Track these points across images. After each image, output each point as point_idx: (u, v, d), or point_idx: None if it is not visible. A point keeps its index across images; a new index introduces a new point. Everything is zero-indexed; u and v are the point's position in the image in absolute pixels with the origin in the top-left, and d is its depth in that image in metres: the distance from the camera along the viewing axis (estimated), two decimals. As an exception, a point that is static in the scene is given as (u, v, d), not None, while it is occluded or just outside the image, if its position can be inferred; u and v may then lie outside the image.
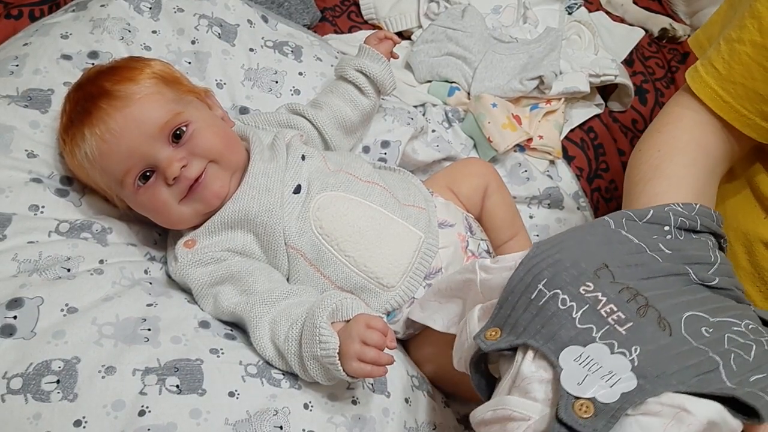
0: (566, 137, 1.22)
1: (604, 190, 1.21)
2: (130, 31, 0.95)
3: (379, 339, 0.67)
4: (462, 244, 0.89)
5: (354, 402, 0.73)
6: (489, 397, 0.61)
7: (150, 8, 0.99)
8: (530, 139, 1.13)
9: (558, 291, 0.58)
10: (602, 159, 1.23)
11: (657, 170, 0.79)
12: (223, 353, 0.71)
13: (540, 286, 0.59)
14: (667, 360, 0.54)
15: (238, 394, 0.68)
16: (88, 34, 0.93)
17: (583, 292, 0.57)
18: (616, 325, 0.55)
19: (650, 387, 0.51)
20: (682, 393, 0.51)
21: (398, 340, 0.86)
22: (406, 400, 0.77)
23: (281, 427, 0.67)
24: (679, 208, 0.70)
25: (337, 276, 0.81)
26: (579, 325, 0.55)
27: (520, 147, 1.13)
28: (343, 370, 0.67)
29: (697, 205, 0.71)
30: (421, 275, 0.84)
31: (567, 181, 1.15)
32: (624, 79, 1.27)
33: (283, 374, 0.73)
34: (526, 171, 1.10)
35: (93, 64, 0.90)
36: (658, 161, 0.80)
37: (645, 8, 1.48)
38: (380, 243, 0.83)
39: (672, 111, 0.86)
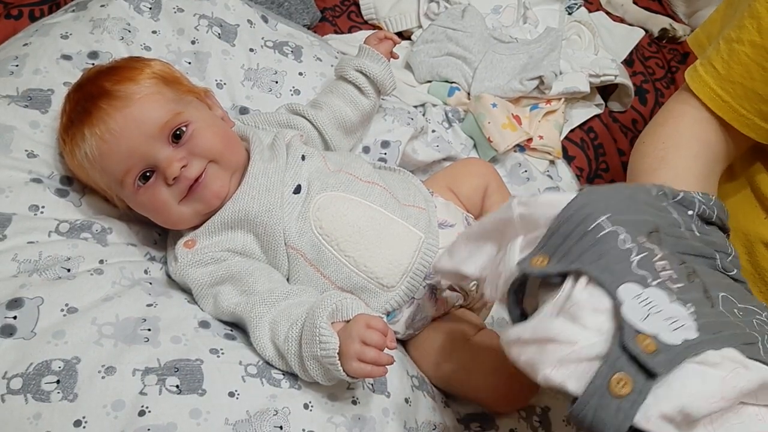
0: (566, 137, 1.22)
1: (604, 190, 1.21)
2: (130, 31, 0.95)
3: (379, 339, 0.67)
4: (462, 244, 0.89)
5: (354, 402, 0.73)
6: None
7: (150, 8, 0.99)
8: (530, 139, 1.13)
9: (619, 228, 0.55)
10: (602, 159, 1.23)
11: (663, 161, 0.80)
12: (223, 353, 0.71)
13: (601, 220, 0.56)
14: (717, 324, 0.53)
15: (238, 394, 0.68)
16: (88, 34, 0.93)
17: (641, 241, 0.55)
18: (668, 282, 0.54)
19: (709, 340, 0.50)
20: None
21: (398, 340, 0.86)
22: (406, 400, 0.77)
23: (281, 427, 0.67)
24: (700, 197, 0.69)
25: (337, 276, 0.81)
26: (635, 270, 0.53)
27: (520, 147, 1.13)
28: (343, 370, 0.67)
29: (713, 196, 0.71)
30: (421, 275, 0.84)
31: (567, 181, 1.15)
32: (624, 79, 1.27)
33: (283, 374, 0.73)
34: (526, 171, 1.10)
35: (93, 64, 0.89)
36: (664, 153, 0.80)
37: (645, 8, 1.48)
38: (380, 243, 0.82)
39: (673, 108, 0.86)
